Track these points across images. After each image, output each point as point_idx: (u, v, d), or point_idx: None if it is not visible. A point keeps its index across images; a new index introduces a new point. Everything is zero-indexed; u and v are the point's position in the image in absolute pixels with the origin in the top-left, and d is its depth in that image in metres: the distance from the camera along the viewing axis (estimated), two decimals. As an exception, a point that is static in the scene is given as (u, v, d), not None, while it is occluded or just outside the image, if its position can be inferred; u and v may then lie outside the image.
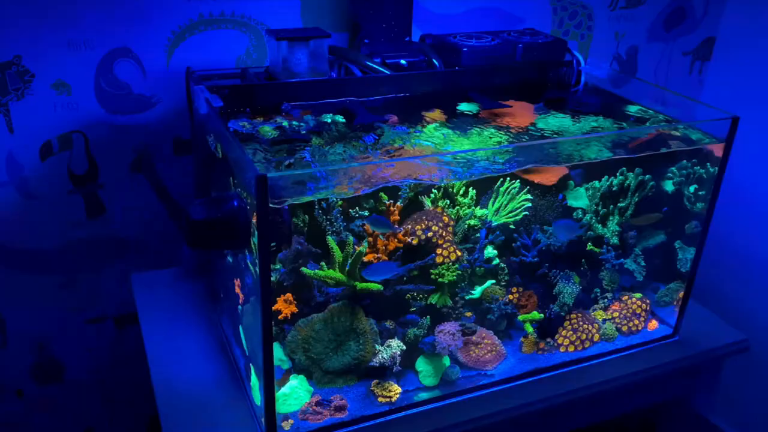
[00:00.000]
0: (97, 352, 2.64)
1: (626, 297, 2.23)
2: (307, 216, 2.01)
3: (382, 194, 1.97)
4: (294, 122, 1.96)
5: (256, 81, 2.11)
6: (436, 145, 1.93)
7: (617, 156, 1.98)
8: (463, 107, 2.14)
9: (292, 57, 2.08)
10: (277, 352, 1.93)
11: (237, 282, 1.91)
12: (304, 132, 1.91)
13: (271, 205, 1.52)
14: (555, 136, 2.01)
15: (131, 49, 2.29)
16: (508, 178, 2.10)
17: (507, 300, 2.09)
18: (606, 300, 2.21)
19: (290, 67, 2.08)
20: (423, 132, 2.00)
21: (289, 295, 1.92)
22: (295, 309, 1.92)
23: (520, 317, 2.08)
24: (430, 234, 1.97)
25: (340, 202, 1.98)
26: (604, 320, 2.19)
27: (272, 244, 1.60)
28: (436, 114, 2.10)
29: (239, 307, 1.92)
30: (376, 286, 1.86)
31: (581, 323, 2.12)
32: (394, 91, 2.18)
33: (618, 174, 2.15)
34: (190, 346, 2.11)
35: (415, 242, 1.96)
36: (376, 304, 1.94)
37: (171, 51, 2.33)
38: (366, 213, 2.00)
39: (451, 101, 2.16)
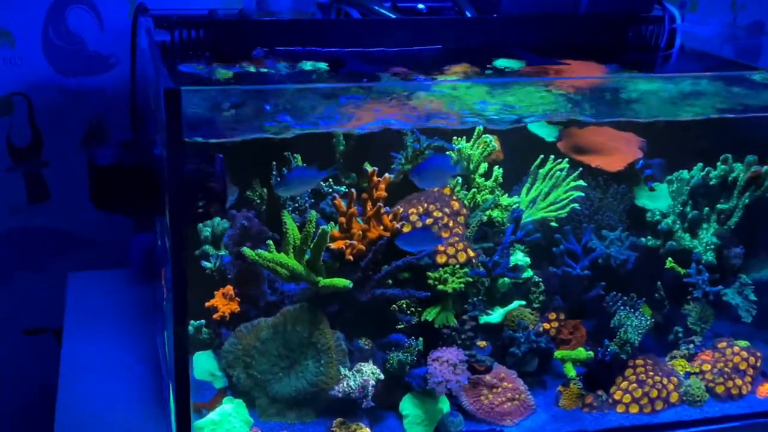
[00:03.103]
0: (34, 371, 2.63)
1: (724, 344, 1.98)
2: (265, 189, 1.93)
3: (366, 164, 1.86)
4: (262, 69, 1.91)
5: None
6: (456, 96, 1.81)
7: (721, 115, 1.79)
8: (502, 63, 2.01)
9: (273, -9, 2.07)
10: (209, 363, 1.83)
11: (163, 272, 1.85)
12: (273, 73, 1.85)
13: (189, 140, 1.43)
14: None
15: (87, -6, 2.35)
16: (552, 157, 1.95)
17: (540, 329, 1.90)
18: (692, 345, 1.98)
19: (267, 4, 2.07)
20: (440, 83, 1.88)
21: (229, 289, 1.82)
22: (236, 307, 1.82)
23: (558, 354, 1.88)
24: (429, 221, 1.83)
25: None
26: (688, 374, 1.95)
27: (199, 204, 1.51)
28: (463, 68, 1.98)
29: (164, 304, 1.85)
30: (343, 282, 1.72)
31: (651, 374, 1.90)
32: (408, 42, 2.09)
33: (720, 162, 1.96)
34: (116, 361, 2.04)
35: (407, 230, 1.82)
36: (347, 312, 1.80)
37: (134, -1, 2.37)
38: (343, 189, 1.89)
39: (486, 57, 2.05)
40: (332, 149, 1.94)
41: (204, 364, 1.82)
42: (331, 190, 1.85)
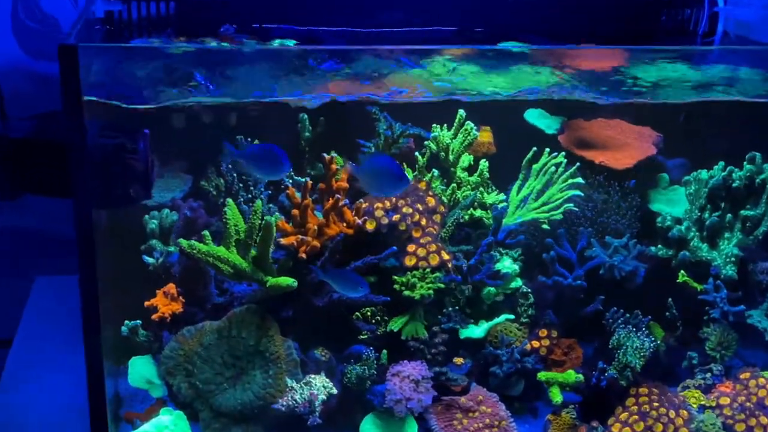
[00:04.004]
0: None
1: (747, 374, 1.81)
2: (222, 179, 1.86)
3: (333, 153, 1.77)
4: (224, 44, 1.85)
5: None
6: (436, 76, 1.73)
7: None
8: (507, 45, 1.92)
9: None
10: (147, 369, 1.75)
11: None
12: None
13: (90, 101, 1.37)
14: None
15: (60, -32, 2.32)
16: (547, 150, 1.83)
17: (527, 347, 1.76)
18: (710, 374, 1.81)
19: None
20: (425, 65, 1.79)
21: (171, 287, 1.74)
22: (178, 308, 1.74)
23: (541, 376, 1.73)
24: (396, 218, 1.72)
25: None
26: (702, 407, 1.78)
27: (118, 184, 1.46)
28: (461, 51, 1.89)
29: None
30: (287, 281, 1.62)
31: (656, 405, 1.73)
32: (403, 23, 1.99)
33: (746, 161, 1.79)
34: (64, 370, 2.00)
35: (370, 227, 1.72)
36: (302, 318, 1.70)
37: (111, -24, 2.34)
38: (305, 180, 1.81)
39: (489, 40, 1.95)
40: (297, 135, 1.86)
41: (141, 370, 1.74)
42: (291, 181, 1.76)
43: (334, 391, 1.65)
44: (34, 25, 2.30)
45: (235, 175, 1.73)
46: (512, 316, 1.78)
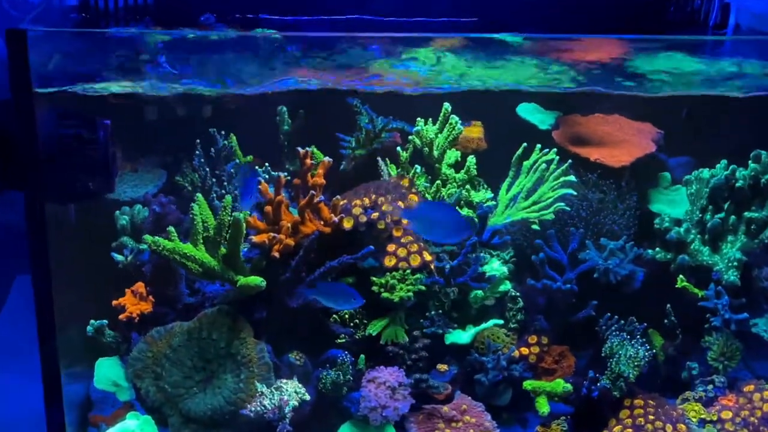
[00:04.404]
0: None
1: (751, 387, 1.72)
2: (197, 174, 1.81)
3: (312, 148, 1.72)
4: (201, 33, 1.81)
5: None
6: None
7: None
8: (502, 36, 1.86)
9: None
10: (114, 371, 1.71)
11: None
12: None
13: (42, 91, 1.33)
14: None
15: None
16: (538, 146, 1.76)
17: (515, 354, 1.68)
18: (711, 386, 1.73)
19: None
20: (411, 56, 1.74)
21: (140, 286, 1.70)
22: (147, 308, 1.69)
23: (528, 385, 1.66)
24: (374, 216, 1.65)
25: (250, 158, 1.78)
26: (703, 422, 1.69)
27: (73, 176, 1.41)
28: (450, 42, 1.83)
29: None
30: (256, 281, 1.56)
31: (652, 418, 1.64)
32: (397, 13, 1.95)
33: (751, 160, 1.71)
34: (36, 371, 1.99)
35: (348, 225, 1.65)
36: (276, 320, 1.64)
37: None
38: (285, 174, 1.76)
39: (485, 30, 1.90)
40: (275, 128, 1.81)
41: (107, 373, 1.70)
42: (267, 176, 1.71)
43: (307, 397, 1.59)
44: (18, 14, 2.28)
45: (207, 170, 1.67)
46: (501, 321, 1.70)
